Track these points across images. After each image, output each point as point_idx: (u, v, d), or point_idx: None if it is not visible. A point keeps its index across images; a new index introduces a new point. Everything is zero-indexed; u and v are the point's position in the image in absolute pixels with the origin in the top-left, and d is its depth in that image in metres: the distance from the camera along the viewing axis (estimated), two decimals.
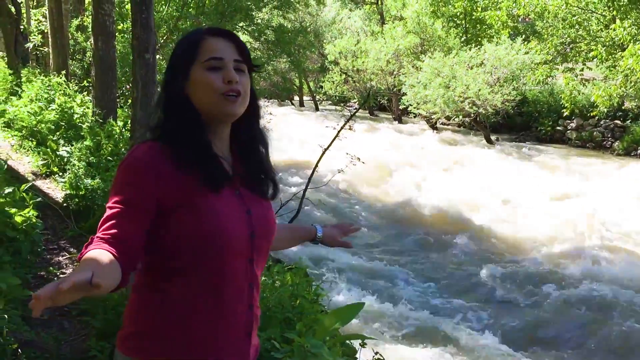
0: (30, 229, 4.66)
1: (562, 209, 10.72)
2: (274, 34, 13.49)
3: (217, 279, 1.47)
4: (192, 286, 1.46)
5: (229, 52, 1.52)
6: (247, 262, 1.52)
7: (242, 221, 1.51)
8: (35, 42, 15.09)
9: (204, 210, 1.44)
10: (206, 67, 1.50)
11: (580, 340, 6.28)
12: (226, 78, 1.49)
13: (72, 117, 7.96)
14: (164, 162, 1.44)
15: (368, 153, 10.07)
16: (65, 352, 3.56)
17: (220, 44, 1.53)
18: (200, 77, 1.50)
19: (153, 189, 1.42)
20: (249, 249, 1.52)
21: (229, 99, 1.50)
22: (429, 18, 24.30)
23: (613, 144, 18.96)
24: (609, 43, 18.63)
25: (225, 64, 1.51)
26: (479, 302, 6.97)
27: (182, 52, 1.54)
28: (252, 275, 1.54)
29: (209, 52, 1.51)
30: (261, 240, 1.56)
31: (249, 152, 1.63)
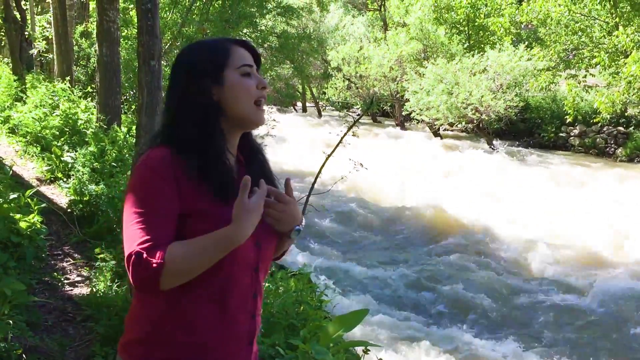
0: (34, 235, 4.67)
1: (564, 215, 10.71)
2: (278, 41, 13.55)
3: (223, 288, 1.47)
4: (197, 295, 1.45)
5: (252, 60, 1.57)
6: (253, 271, 1.53)
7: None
8: (40, 48, 15.15)
9: (216, 220, 1.42)
10: (241, 73, 1.53)
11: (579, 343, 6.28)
12: (260, 84, 1.55)
13: (77, 123, 7.99)
14: (178, 169, 1.44)
15: (371, 159, 10.07)
16: (69, 357, 3.57)
17: (246, 52, 1.57)
18: (237, 81, 1.52)
19: (175, 193, 1.43)
20: (255, 258, 1.52)
21: (260, 108, 1.54)
22: (431, 24, 24.34)
23: (616, 151, 18.96)
24: (611, 50, 18.65)
25: (254, 72, 1.56)
26: (483, 309, 6.95)
27: (211, 57, 1.53)
28: (257, 284, 1.55)
29: (240, 58, 1.54)
30: (266, 248, 1.57)
31: (254, 160, 1.64)
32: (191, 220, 1.43)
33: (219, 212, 1.44)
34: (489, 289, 7.49)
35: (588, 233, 9.58)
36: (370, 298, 6.84)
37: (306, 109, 35.46)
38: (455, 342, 5.97)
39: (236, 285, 1.50)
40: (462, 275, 7.87)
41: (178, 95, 1.52)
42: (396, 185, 12.96)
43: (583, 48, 20.33)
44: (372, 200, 11.92)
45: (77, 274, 4.80)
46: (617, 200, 11.88)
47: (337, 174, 7.01)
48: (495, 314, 6.89)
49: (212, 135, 1.49)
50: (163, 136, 1.51)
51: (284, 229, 1.58)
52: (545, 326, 6.66)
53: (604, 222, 10.18)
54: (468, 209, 10.99)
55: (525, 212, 10.96)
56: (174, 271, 1.36)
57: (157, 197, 1.42)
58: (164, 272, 1.34)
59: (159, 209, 1.41)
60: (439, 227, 10.18)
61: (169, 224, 1.41)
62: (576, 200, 11.95)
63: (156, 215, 1.41)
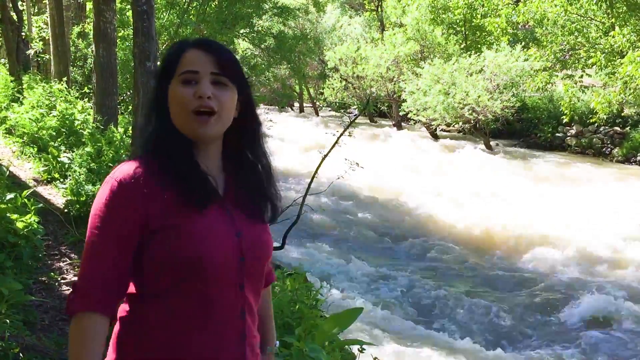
0: (31, 235, 4.69)
1: (561, 214, 10.75)
2: (275, 41, 13.58)
3: (201, 306, 1.37)
4: (174, 314, 1.36)
5: (206, 65, 1.40)
6: (236, 288, 1.41)
7: (231, 244, 1.40)
8: (37, 48, 15.17)
9: (187, 232, 1.34)
10: (181, 80, 1.40)
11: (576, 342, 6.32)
12: (197, 93, 1.38)
13: (73, 124, 8.01)
14: (149, 180, 1.37)
15: (368, 159, 10.12)
16: (66, 356, 3.58)
17: (199, 56, 1.41)
18: (173, 91, 1.41)
19: (133, 213, 1.35)
20: (238, 275, 1.40)
21: (200, 119, 1.38)
22: (428, 25, 24.39)
23: (612, 151, 19.01)
24: (608, 50, 18.70)
25: (200, 77, 1.39)
26: (479, 308, 6.99)
27: (164, 64, 1.46)
28: (243, 302, 1.42)
29: (185, 64, 1.41)
30: (253, 265, 1.44)
31: (245, 171, 1.51)
32: (162, 234, 1.35)
33: (192, 223, 1.35)
34: (485, 288, 7.54)
35: (585, 232, 9.63)
36: (366, 297, 6.87)
37: (303, 109, 35.49)
38: (450, 341, 6.01)
39: (216, 302, 1.38)
40: (458, 275, 7.91)
41: (152, 102, 1.48)
42: (392, 185, 13.00)
43: (579, 48, 20.41)
44: (368, 200, 11.95)
45: (73, 274, 4.82)
46: (614, 200, 11.93)
47: (334, 174, 7.04)
48: (491, 313, 6.92)
49: (176, 141, 1.41)
50: (143, 143, 1.47)
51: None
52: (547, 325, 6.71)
53: (601, 221, 10.24)
54: (465, 208, 11.04)
55: (522, 211, 10.99)
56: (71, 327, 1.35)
57: (111, 224, 1.35)
58: (72, 319, 1.34)
59: (111, 237, 1.35)
60: (434, 226, 10.22)
61: (118, 255, 1.35)
62: (573, 199, 11.99)
63: (106, 245, 1.35)
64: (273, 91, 26.07)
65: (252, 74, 13.22)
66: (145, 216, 1.35)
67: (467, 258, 8.75)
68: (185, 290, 1.35)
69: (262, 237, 1.49)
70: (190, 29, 9.39)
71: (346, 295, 6.77)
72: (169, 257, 1.34)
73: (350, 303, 6.11)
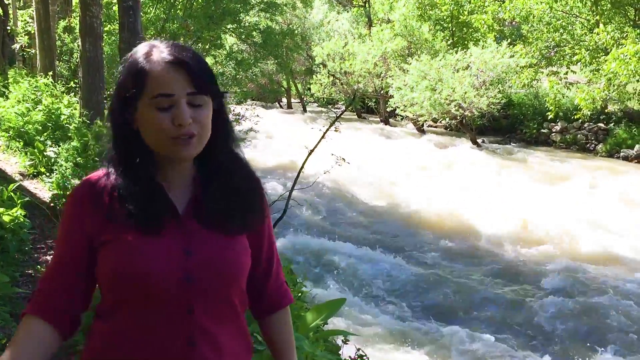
0: (17, 228, 4.73)
1: (546, 209, 10.89)
2: (261, 36, 13.60)
3: (142, 330, 1.28)
4: (117, 335, 1.31)
5: (180, 84, 1.27)
6: (182, 310, 1.28)
7: (173, 262, 1.28)
8: (22, 43, 15.06)
9: (124, 248, 1.28)
10: (155, 105, 1.26)
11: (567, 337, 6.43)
12: (176, 121, 1.26)
13: (59, 118, 8.00)
14: (101, 195, 1.32)
15: (355, 154, 10.19)
16: None
17: (170, 74, 1.27)
18: (148, 116, 1.28)
19: (83, 226, 1.32)
20: (182, 295, 1.28)
21: (180, 143, 1.28)
22: (416, 21, 24.47)
23: (597, 147, 19.23)
24: (592, 47, 18.90)
25: (176, 101, 1.26)
26: (462, 301, 7.10)
27: (128, 81, 1.30)
28: (192, 329, 1.29)
29: (157, 86, 1.26)
30: (206, 285, 1.30)
31: (215, 182, 1.39)
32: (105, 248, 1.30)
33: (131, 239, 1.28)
34: (468, 281, 7.64)
35: (570, 225, 9.77)
36: (350, 289, 6.96)
37: (291, 105, 35.47)
38: (435, 333, 6.10)
39: (157, 331, 1.28)
40: (442, 268, 8.01)
41: (109, 116, 1.38)
42: (378, 180, 13.09)
43: (564, 45, 20.59)
44: (354, 195, 12.03)
45: None
46: (597, 194, 12.10)
47: (321, 169, 7.12)
48: (475, 305, 7.02)
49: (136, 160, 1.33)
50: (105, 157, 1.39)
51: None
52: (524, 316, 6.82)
53: (585, 215, 10.39)
54: (451, 203, 11.14)
55: (508, 206, 11.12)
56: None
57: (65, 236, 1.35)
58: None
59: (65, 249, 1.35)
60: (420, 221, 10.32)
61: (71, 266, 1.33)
62: (558, 194, 12.15)
63: (61, 256, 1.35)
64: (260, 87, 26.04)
65: (239, 69, 13.23)
66: (91, 230, 1.31)
67: (451, 251, 8.86)
68: (127, 310, 1.29)
69: (225, 254, 1.34)
70: (177, 23, 9.39)
71: (330, 286, 6.85)
72: (108, 274, 1.29)
73: (334, 294, 6.19)
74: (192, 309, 1.29)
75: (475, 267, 8.19)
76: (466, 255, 8.81)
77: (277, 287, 1.55)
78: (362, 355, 4.31)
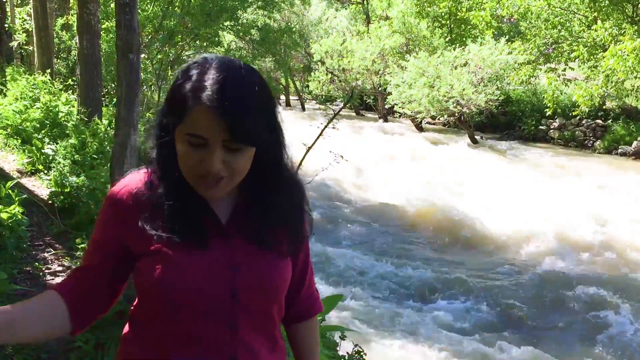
0: (15, 226, 4.74)
1: (545, 205, 10.91)
2: (259, 34, 13.59)
3: (184, 343, 1.26)
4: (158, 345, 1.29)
5: (216, 130, 1.17)
6: (225, 327, 1.27)
7: (220, 278, 1.26)
8: (20, 40, 15.05)
9: (169, 263, 1.24)
10: (187, 140, 1.20)
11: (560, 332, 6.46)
12: (203, 163, 1.19)
13: (57, 116, 8.01)
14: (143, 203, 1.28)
15: (353, 152, 10.21)
16: (51, 343, 3.65)
17: (208, 118, 1.16)
18: (180, 147, 1.22)
19: (118, 232, 1.29)
20: (228, 312, 1.26)
21: (206, 184, 1.22)
22: (414, 18, 24.47)
23: (594, 143, 19.27)
24: (590, 43, 18.93)
25: (210, 145, 1.18)
26: (461, 298, 7.12)
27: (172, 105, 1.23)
28: (235, 345, 1.28)
29: (191, 125, 1.18)
30: (251, 301, 1.28)
31: (264, 195, 1.33)
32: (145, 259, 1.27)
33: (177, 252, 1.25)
34: (466, 278, 7.66)
35: (569, 222, 9.80)
36: (348, 286, 6.98)
37: (290, 103, 35.47)
38: (433, 330, 6.12)
39: (201, 345, 1.26)
40: (440, 265, 8.03)
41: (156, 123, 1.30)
42: (376, 177, 13.10)
43: (562, 42, 20.61)
44: (352, 191, 12.05)
45: (58, 264, 4.87)
46: (596, 190, 12.13)
47: (319, 167, 7.14)
48: (473, 302, 7.05)
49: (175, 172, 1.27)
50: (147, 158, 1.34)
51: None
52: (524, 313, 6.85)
53: (585, 211, 10.41)
54: (449, 200, 11.16)
55: (507, 203, 11.14)
56: None
57: (98, 233, 1.33)
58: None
59: (96, 244, 1.33)
60: (416, 218, 10.34)
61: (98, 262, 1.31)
62: (557, 191, 12.17)
63: (93, 250, 1.33)
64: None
65: None
66: (127, 238, 1.28)
67: (449, 247, 8.89)
68: (169, 322, 1.26)
69: (268, 271, 1.31)
70: (174, 21, 9.39)
71: (327, 283, 6.88)
72: (152, 288, 1.25)
73: (331, 291, 6.21)
74: (235, 325, 1.27)
75: (473, 264, 8.22)
76: (464, 252, 8.83)
77: (308, 296, 1.53)
78: (360, 351, 4.33)
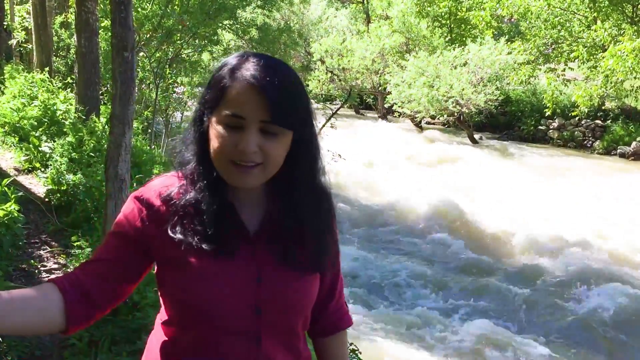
0: (11, 223, 4.74)
1: (544, 205, 10.93)
2: (258, 32, 13.60)
3: (202, 354, 1.25)
4: (183, 347, 1.27)
5: (255, 109, 1.16)
6: (250, 341, 1.25)
7: (245, 290, 1.23)
8: (19, 38, 15.06)
9: (194, 272, 1.22)
10: (224, 121, 1.18)
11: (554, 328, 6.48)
12: (239, 146, 1.17)
13: (55, 114, 8.00)
14: (172, 206, 1.25)
15: (352, 151, 10.21)
16: (45, 340, 3.66)
17: (247, 96, 1.17)
18: (214, 130, 1.20)
19: (139, 233, 1.26)
20: (251, 326, 1.24)
21: (238, 169, 1.19)
22: (414, 17, 24.47)
23: (593, 144, 19.28)
24: (590, 44, 18.94)
25: (247, 125, 1.17)
26: (455, 295, 7.13)
27: (208, 91, 1.24)
28: (259, 358, 1.26)
29: (230, 104, 1.18)
30: (275, 315, 1.26)
31: (292, 206, 1.29)
32: (169, 267, 1.26)
33: (201, 263, 1.22)
34: (461, 275, 7.68)
35: (567, 222, 9.82)
36: None
37: None
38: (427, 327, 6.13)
39: (223, 353, 1.24)
40: (436, 263, 8.04)
41: (192, 121, 1.29)
42: (375, 175, 13.11)
43: (562, 42, 20.61)
44: (350, 190, 12.05)
45: (54, 262, 4.88)
46: (594, 191, 12.15)
47: None
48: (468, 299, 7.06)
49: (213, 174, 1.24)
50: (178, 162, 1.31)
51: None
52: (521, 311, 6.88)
53: (582, 211, 10.44)
54: (447, 200, 11.16)
55: (506, 202, 11.16)
56: None
57: (114, 235, 1.29)
58: None
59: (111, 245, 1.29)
60: (414, 217, 10.35)
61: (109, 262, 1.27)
62: (556, 191, 12.19)
63: (105, 249, 1.29)
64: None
65: None
66: (150, 240, 1.25)
67: (445, 246, 8.90)
68: (196, 333, 1.24)
69: (295, 285, 1.28)
70: (173, 19, 9.39)
71: None
72: (177, 296, 1.25)
73: None
74: (259, 339, 1.25)
75: (468, 261, 8.22)
76: (461, 250, 8.84)
77: (337, 309, 1.47)
78: (355, 349, 4.34)
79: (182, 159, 1.28)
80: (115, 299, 1.29)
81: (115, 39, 3.65)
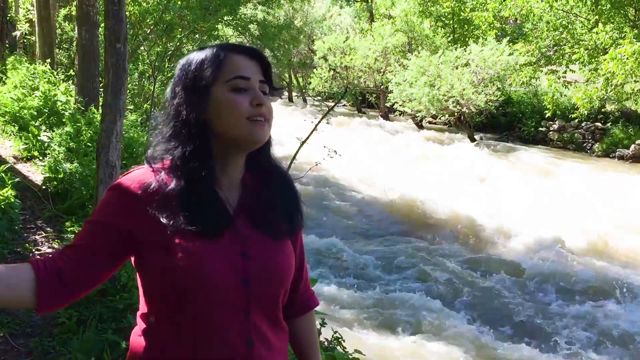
0: (8, 208, 4.89)
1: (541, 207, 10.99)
2: (258, 29, 13.71)
3: (204, 331, 1.29)
4: (180, 337, 1.30)
5: (254, 71, 1.36)
6: (240, 314, 1.31)
7: (233, 266, 1.30)
8: (23, 30, 15.21)
9: (182, 252, 1.27)
10: (231, 87, 1.32)
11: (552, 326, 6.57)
12: (254, 101, 1.32)
13: (55, 104, 8.15)
14: (153, 192, 1.30)
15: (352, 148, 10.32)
16: (36, 319, 3.80)
17: (246, 61, 1.36)
18: (224, 98, 1.32)
19: (121, 219, 1.31)
20: (241, 299, 1.31)
21: (257, 124, 1.32)
22: (417, 17, 24.58)
23: (593, 146, 19.32)
24: (591, 46, 18.98)
25: (252, 85, 1.34)
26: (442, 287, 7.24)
27: (201, 70, 1.34)
28: (249, 329, 1.32)
29: (233, 70, 1.33)
30: (261, 288, 1.33)
31: (265, 184, 1.42)
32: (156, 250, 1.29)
33: (189, 243, 1.28)
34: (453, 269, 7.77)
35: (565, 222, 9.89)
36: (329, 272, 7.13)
37: (292, 99, 35.60)
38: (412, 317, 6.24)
39: (215, 328, 1.29)
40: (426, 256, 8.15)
41: (170, 110, 1.36)
42: (372, 173, 13.21)
43: (564, 44, 20.67)
44: (348, 187, 12.17)
45: (48, 246, 5.02)
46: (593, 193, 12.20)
47: (315, 161, 7.29)
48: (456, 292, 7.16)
49: (198, 158, 1.32)
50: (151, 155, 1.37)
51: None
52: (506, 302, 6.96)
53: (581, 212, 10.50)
54: (445, 199, 11.24)
55: (504, 203, 11.21)
56: None
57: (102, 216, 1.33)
58: None
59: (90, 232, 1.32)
60: (410, 214, 10.44)
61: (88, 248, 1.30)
62: (554, 191, 12.24)
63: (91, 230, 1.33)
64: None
65: None
66: (134, 225, 1.30)
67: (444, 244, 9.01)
68: (189, 312, 1.28)
69: (276, 258, 1.37)
70: (173, 14, 9.52)
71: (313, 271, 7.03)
72: (165, 277, 1.28)
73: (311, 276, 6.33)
74: (248, 310, 1.32)
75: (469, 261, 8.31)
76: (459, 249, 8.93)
77: (305, 290, 1.57)
78: (339, 337, 4.46)
79: (155, 153, 1.36)
80: (89, 284, 1.32)
81: (108, 31, 3.79)
